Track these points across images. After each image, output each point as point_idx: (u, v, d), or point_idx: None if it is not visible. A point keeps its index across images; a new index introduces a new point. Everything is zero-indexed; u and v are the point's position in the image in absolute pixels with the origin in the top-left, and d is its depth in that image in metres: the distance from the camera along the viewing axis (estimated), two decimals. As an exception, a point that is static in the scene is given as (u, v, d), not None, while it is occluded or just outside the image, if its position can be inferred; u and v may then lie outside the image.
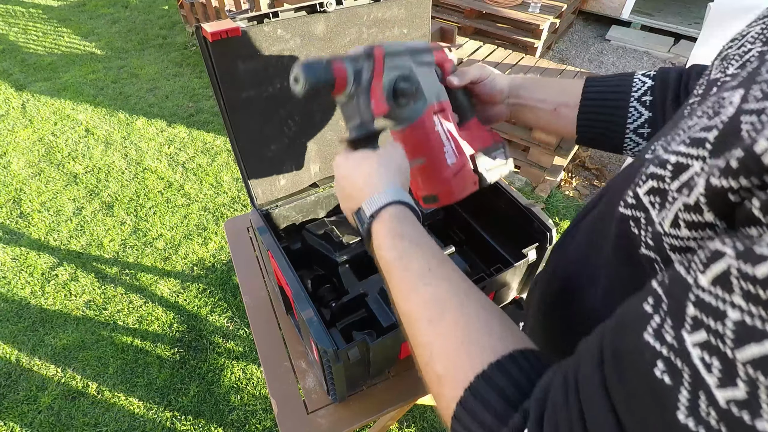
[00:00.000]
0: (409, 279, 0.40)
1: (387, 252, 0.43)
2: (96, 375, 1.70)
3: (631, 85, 0.60)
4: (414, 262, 0.41)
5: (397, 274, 0.41)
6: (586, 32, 4.42)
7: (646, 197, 0.30)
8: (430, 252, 0.42)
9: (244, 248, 1.13)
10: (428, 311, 0.37)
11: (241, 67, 0.73)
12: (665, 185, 0.28)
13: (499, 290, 0.90)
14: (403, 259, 0.41)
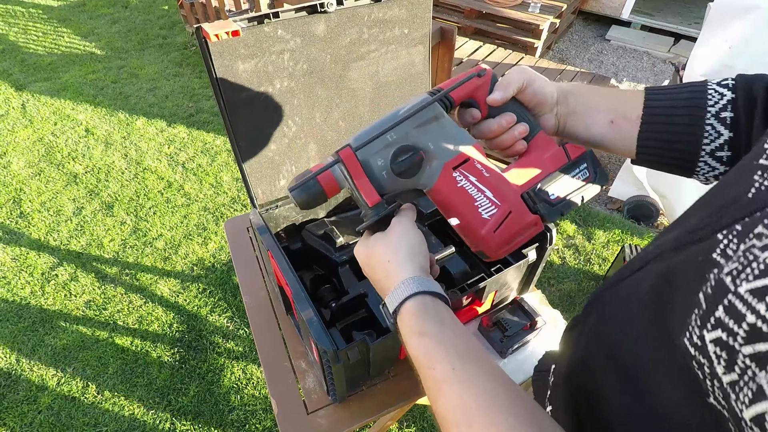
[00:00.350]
0: (435, 380, 0.40)
1: (412, 349, 0.43)
2: (96, 375, 1.70)
3: (706, 98, 0.50)
4: (437, 362, 0.40)
5: (425, 373, 0.41)
6: (586, 32, 4.42)
7: (711, 345, 0.27)
8: (453, 349, 0.41)
9: (244, 248, 1.13)
10: (456, 416, 0.37)
11: (241, 67, 0.73)
12: (735, 344, 0.25)
13: (499, 290, 0.90)
14: (428, 358, 0.41)
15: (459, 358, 0.40)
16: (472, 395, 0.37)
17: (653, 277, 0.36)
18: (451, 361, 0.39)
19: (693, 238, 0.35)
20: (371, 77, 0.88)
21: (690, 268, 0.32)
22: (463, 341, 0.42)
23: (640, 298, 0.37)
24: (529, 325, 0.91)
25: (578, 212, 2.40)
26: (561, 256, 2.20)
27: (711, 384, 0.27)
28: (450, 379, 0.38)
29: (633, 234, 2.30)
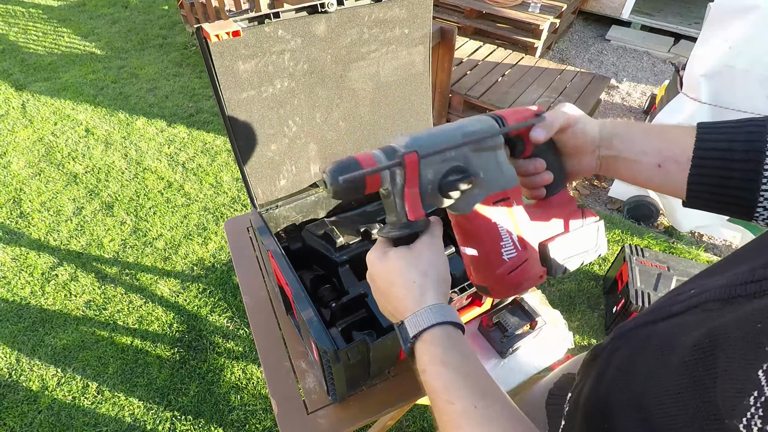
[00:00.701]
0: (454, 415, 0.38)
1: (431, 379, 0.41)
2: (96, 375, 1.70)
3: (765, 140, 0.44)
4: (459, 397, 0.39)
5: (441, 406, 0.39)
6: (586, 32, 4.42)
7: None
8: (476, 386, 0.39)
9: (244, 248, 1.13)
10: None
11: (242, 67, 0.73)
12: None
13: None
14: (449, 391, 0.39)
15: (482, 396, 0.38)
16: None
17: (699, 334, 0.33)
18: (473, 399, 0.38)
19: (746, 291, 0.32)
20: (371, 77, 0.88)
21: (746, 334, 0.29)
22: (484, 378, 0.40)
23: (679, 354, 0.34)
24: (529, 325, 0.91)
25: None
26: (561, 256, 2.20)
27: None
28: (470, 418, 0.37)
29: (633, 234, 2.30)
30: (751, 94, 1.77)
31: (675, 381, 0.33)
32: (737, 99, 1.82)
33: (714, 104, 1.87)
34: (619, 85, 3.60)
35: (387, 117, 0.95)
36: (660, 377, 0.36)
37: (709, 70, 1.82)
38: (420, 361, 0.43)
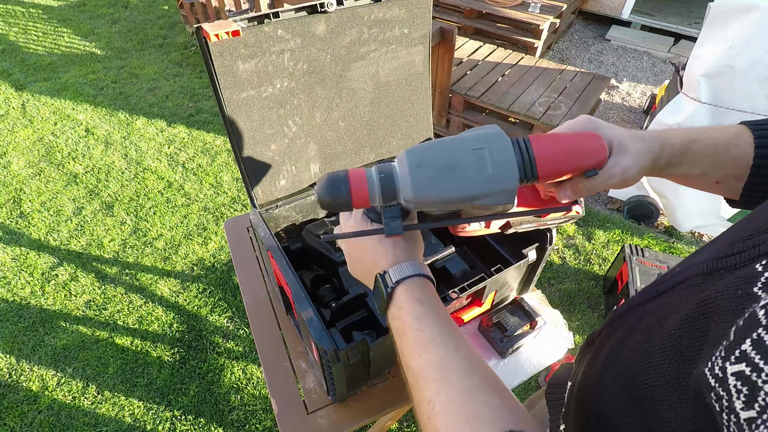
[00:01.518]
0: (422, 340, 0.43)
1: (406, 314, 0.45)
2: (96, 375, 1.70)
3: None
4: (429, 326, 0.43)
5: (411, 333, 0.43)
6: (586, 32, 4.42)
7: (732, 378, 0.26)
8: (444, 321, 0.44)
9: (244, 248, 1.13)
10: (435, 371, 0.40)
11: (241, 67, 0.73)
12: (759, 380, 0.24)
13: (499, 290, 0.90)
14: (420, 321, 0.44)
15: (447, 327, 0.43)
16: (454, 357, 0.41)
17: (687, 309, 0.35)
18: (441, 328, 0.43)
19: (726, 264, 0.34)
20: (371, 77, 0.88)
21: (729, 302, 0.30)
22: (452, 322, 0.45)
23: (666, 328, 0.36)
24: (529, 325, 0.91)
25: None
26: (561, 256, 2.20)
27: (727, 419, 0.26)
28: (436, 342, 0.42)
29: (633, 234, 2.30)
30: (751, 94, 1.77)
31: (659, 352, 0.35)
32: (737, 99, 1.82)
33: (714, 104, 1.87)
34: (619, 85, 3.60)
35: (387, 117, 0.95)
36: (645, 351, 0.37)
37: (709, 70, 1.82)
38: (397, 299, 0.47)
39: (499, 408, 0.37)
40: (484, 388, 0.38)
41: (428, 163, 0.42)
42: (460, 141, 0.43)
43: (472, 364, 0.41)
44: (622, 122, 3.18)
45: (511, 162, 0.42)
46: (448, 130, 2.76)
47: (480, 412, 0.36)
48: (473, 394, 0.38)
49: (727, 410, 0.26)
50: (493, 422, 0.36)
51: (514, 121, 2.69)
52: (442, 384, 0.39)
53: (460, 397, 0.38)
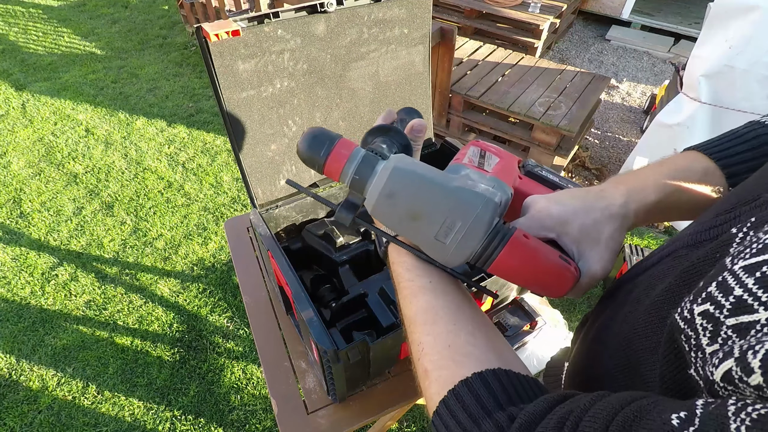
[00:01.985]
0: (413, 288, 0.44)
1: (398, 267, 0.47)
2: (96, 375, 1.70)
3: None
4: (418, 275, 0.45)
5: (403, 284, 0.45)
6: (586, 32, 4.42)
7: (699, 318, 0.28)
8: (434, 270, 0.46)
9: (244, 248, 1.13)
10: (424, 315, 0.42)
11: (241, 67, 0.73)
12: (721, 316, 0.26)
13: (499, 290, 0.90)
14: (410, 272, 0.46)
15: (438, 276, 0.45)
16: (440, 302, 0.42)
17: (671, 277, 0.36)
18: (430, 277, 0.45)
19: (709, 235, 0.35)
20: (371, 77, 0.88)
21: (710, 266, 0.32)
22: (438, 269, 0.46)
23: (652, 297, 0.37)
24: (529, 325, 0.91)
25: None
26: (561, 256, 2.20)
27: (695, 356, 0.28)
28: (425, 289, 0.44)
29: (633, 234, 2.30)
30: (751, 94, 1.77)
31: (643, 319, 0.37)
32: (737, 99, 1.82)
33: (714, 104, 1.87)
34: (619, 85, 3.60)
35: (387, 117, 0.95)
36: (632, 320, 0.39)
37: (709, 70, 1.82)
38: (391, 256, 0.49)
39: (485, 347, 0.38)
40: (470, 329, 0.40)
41: (399, 198, 0.41)
42: (444, 194, 0.40)
43: (460, 306, 0.42)
44: (622, 122, 3.18)
45: (470, 248, 0.41)
46: (448, 130, 2.76)
47: (466, 351, 0.38)
48: (459, 335, 0.39)
49: (695, 347, 0.28)
50: (478, 360, 0.37)
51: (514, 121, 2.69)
52: (431, 327, 0.41)
53: (446, 337, 0.39)
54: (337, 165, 0.43)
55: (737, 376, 0.23)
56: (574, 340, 0.57)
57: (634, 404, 0.27)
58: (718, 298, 0.27)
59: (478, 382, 0.35)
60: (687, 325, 0.29)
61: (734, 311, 0.25)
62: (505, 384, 0.35)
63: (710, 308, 0.27)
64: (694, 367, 0.28)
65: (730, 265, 0.27)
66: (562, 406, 0.30)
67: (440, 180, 0.41)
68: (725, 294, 0.26)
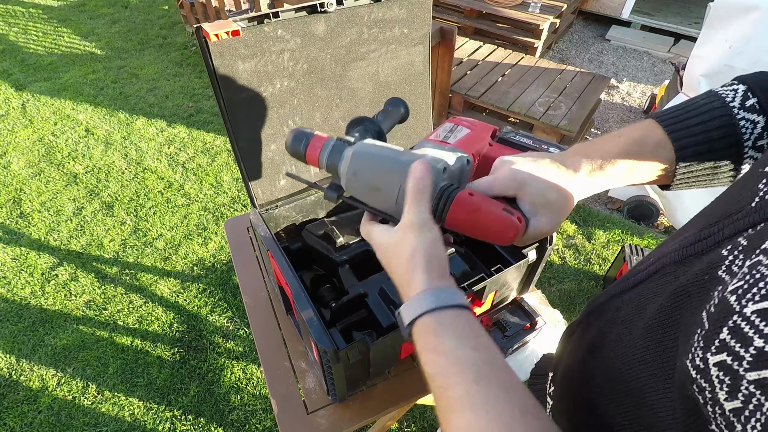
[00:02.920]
0: (447, 400, 0.37)
1: (426, 367, 0.40)
2: (96, 375, 1.70)
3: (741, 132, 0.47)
4: (452, 384, 0.38)
5: (437, 391, 0.38)
6: (586, 32, 4.42)
7: (714, 369, 0.25)
8: (469, 370, 0.38)
9: (244, 248, 1.13)
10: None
11: (241, 67, 0.73)
12: (740, 369, 0.24)
13: (499, 290, 0.90)
14: (441, 377, 0.38)
15: (475, 381, 0.37)
16: (483, 424, 0.35)
17: (662, 299, 0.35)
18: (466, 384, 0.37)
19: (695, 250, 0.35)
20: (371, 77, 0.88)
21: (699, 289, 0.31)
22: (482, 358, 0.38)
23: (644, 319, 0.36)
24: (529, 325, 0.91)
25: (578, 212, 2.40)
26: (561, 256, 2.20)
27: (713, 411, 0.26)
28: (463, 403, 0.36)
29: (633, 234, 2.30)
30: (751, 94, 1.77)
31: (640, 344, 0.36)
32: (737, 99, 1.81)
33: (714, 104, 1.87)
34: (619, 85, 3.60)
35: (387, 117, 0.95)
36: (628, 343, 0.37)
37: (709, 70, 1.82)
38: (417, 349, 0.42)
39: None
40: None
41: (361, 175, 0.52)
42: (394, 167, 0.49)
43: (508, 424, 0.35)
44: (622, 122, 3.18)
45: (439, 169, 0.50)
46: (448, 130, 2.76)
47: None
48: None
49: (711, 402, 0.26)
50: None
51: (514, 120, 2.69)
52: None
53: None
54: (314, 153, 0.56)
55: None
56: (560, 349, 0.55)
57: None
58: (735, 349, 0.24)
59: None
60: (700, 376, 0.27)
61: (756, 365, 0.23)
62: None
63: (728, 360, 0.25)
64: (716, 423, 0.26)
65: (738, 307, 0.25)
66: None
67: (392, 156, 0.51)
68: (744, 345, 0.24)
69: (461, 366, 0.38)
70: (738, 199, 0.34)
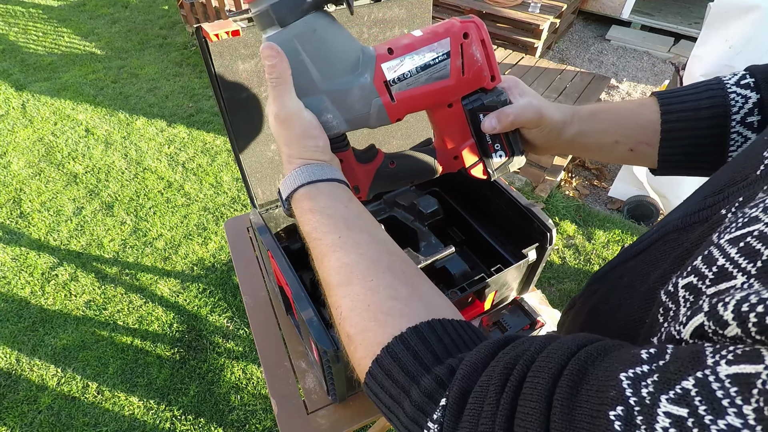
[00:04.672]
0: (321, 248, 0.41)
1: (304, 227, 0.43)
2: (96, 375, 1.70)
3: (729, 103, 0.46)
4: (325, 233, 0.41)
5: (312, 245, 0.42)
6: (586, 32, 4.42)
7: (682, 291, 0.28)
8: (342, 221, 0.41)
9: (244, 248, 1.13)
10: (337, 277, 0.38)
11: (241, 67, 0.73)
12: (703, 286, 0.26)
13: (499, 290, 0.90)
14: (317, 230, 0.41)
15: (347, 228, 0.40)
16: (353, 258, 0.38)
17: (665, 263, 0.36)
18: (338, 232, 0.40)
19: (698, 218, 0.35)
20: (371, 77, 0.88)
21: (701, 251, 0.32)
22: (353, 213, 0.42)
23: (646, 285, 0.37)
24: (529, 325, 0.91)
25: (578, 212, 2.40)
26: (561, 256, 2.20)
27: (667, 325, 0.28)
28: (335, 246, 0.39)
29: (633, 234, 2.30)
30: (751, 94, 1.77)
31: (639, 306, 0.36)
32: (737, 99, 1.81)
33: (714, 104, 1.87)
34: (619, 85, 3.60)
35: (387, 117, 0.95)
36: (628, 306, 0.38)
37: (709, 70, 1.81)
38: (296, 216, 0.45)
39: (408, 299, 0.35)
40: (389, 281, 0.36)
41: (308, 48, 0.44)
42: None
43: (375, 259, 0.38)
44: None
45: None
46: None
47: (388, 307, 0.34)
48: (377, 291, 0.36)
49: (672, 319, 0.28)
50: (401, 315, 0.34)
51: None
52: (346, 288, 0.37)
53: (364, 296, 0.36)
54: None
55: (710, 330, 0.22)
56: (561, 323, 0.55)
57: (596, 344, 0.26)
58: (701, 270, 0.26)
59: (412, 336, 0.32)
60: (669, 298, 0.29)
61: (716, 280, 0.25)
62: (440, 334, 0.32)
63: (693, 280, 0.27)
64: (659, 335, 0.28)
65: (716, 239, 0.27)
66: (505, 352, 0.28)
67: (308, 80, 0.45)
68: (709, 265, 0.26)
69: (333, 219, 0.41)
70: (742, 168, 0.34)
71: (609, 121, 0.53)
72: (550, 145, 0.54)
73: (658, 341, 0.28)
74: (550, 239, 0.81)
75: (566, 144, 0.54)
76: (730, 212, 0.31)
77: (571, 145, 0.54)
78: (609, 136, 0.52)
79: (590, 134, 0.53)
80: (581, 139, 0.53)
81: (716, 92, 0.47)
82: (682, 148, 0.50)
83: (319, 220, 0.41)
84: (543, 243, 0.82)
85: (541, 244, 0.82)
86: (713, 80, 0.49)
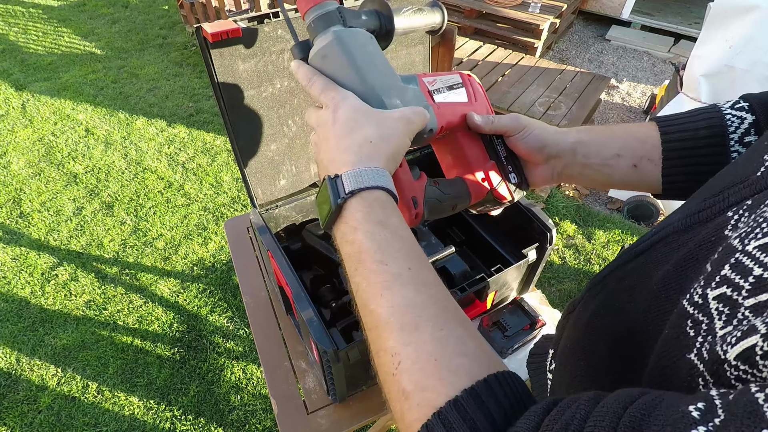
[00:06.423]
0: (384, 276, 0.35)
1: (363, 237, 0.37)
2: (96, 375, 1.70)
3: (726, 124, 0.48)
4: (394, 258, 0.36)
5: (371, 266, 0.36)
6: (586, 32, 4.42)
7: (714, 302, 0.27)
8: (413, 251, 0.37)
9: (244, 248, 1.13)
10: (402, 317, 0.33)
11: (241, 67, 0.73)
12: (739, 297, 0.25)
13: (499, 290, 0.90)
14: (382, 251, 0.36)
15: (418, 260, 0.36)
16: (423, 299, 0.34)
17: (668, 266, 0.35)
18: (409, 261, 0.36)
19: (699, 219, 0.35)
20: (371, 77, 0.88)
21: (706, 251, 0.31)
22: (421, 251, 0.38)
23: (649, 287, 0.36)
24: (529, 325, 0.91)
25: (578, 212, 2.40)
26: (561, 256, 2.20)
27: (702, 340, 0.27)
28: (404, 280, 0.35)
29: (633, 234, 2.30)
30: (751, 94, 1.77)
31: (643, 309, 0.36)
32: (737, 99, 1.81)
33: (714, 104, 1.87)
34: (619, 85, 3.60)
35: (387, 117, 0.94)
36: (630, 310, 0.38)
37: (709, 70, 1.82)
38: (350, 216, 0.38)
39: (477, 356, 0.32)
40: (459, 334, 0.33)
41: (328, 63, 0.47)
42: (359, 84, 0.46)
43: (446, 306, 0.35)
44: (622, 122, 3.18)
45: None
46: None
47: (456, 365, 0.31)
48: (447, 344, 0.32)
49: (705, 332, 0.27)
50: (469, 374, 0.30)
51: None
52: (411, 334, 0.32)
53: (433, 348, 0.32)
54: (306, 4, 0.48)
55: (761, 353, 0.22)
56: (560, 326, 0.55)
57: (637, 402, 0.25)
58: (735, 280, 0.26)
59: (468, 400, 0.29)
60: (698, 311, 0.28)
61: (754, 291, 0.24)
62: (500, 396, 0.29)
63: (727, 291, 0.26)
64: (696, 350, 0.27)
65: (740, 246, 0.27)
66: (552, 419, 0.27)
67: (365, 72, 0.46)
68: (743, 275, 0.25)
69: (404, 243, 0.37)
70: (742, 171, 0.34)
71: (607, 132, 0.54)
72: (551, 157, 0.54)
73: (696, 358, 0.27)
74: (550, 239, 0.81)
75: (568, 155, 0.53)
76: (737, 214, 0.31)
77: (573, 156, 0.53)
78: (609, 148, 0.52)
79: (590, 144, 0.53)
80: (582, 149, 0.53)
81: (712, 114, 0.49)
82: (684, 168, 0.50)
83: (389, 239, 0.36)
84: (543, 243, 0.82)
85: (541, 244, 0.82)
86: (709, 106, 0.51)
